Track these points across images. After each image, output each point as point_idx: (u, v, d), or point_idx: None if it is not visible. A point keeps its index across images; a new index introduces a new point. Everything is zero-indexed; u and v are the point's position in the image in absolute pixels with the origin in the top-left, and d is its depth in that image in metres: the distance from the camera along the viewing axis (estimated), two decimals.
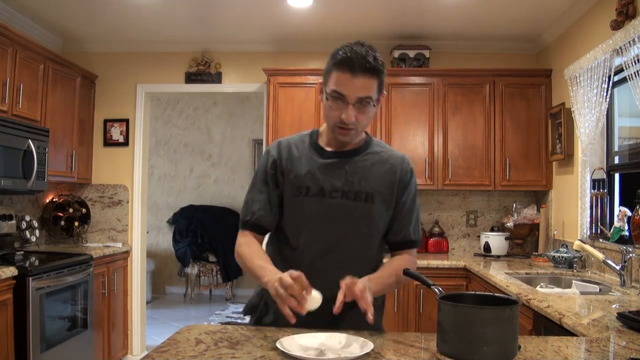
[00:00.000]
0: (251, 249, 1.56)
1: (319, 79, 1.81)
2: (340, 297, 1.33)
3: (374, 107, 1.51)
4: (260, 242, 1.63)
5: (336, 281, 1.44)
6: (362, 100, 1.47)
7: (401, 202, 1.61)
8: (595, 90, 3.06)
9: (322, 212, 1.54)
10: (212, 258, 6.76)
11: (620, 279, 2.63)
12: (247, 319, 1.72)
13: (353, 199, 1.55)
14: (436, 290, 1.35)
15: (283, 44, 4.35)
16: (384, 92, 1.55)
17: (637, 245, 2.64)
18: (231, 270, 6.63)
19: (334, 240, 1.55)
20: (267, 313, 1.62)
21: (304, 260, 1.54)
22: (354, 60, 1.43)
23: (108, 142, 4.44)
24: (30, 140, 3.27)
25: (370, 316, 1.30)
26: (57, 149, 3.75)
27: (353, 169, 1.57)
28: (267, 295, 1.58)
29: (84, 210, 4.30)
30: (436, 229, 4.20)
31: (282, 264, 1.54)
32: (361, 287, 1.33)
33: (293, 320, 1.29)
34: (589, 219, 3.21)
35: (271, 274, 1.40)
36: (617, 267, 2.65)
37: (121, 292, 4.21)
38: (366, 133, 1.65)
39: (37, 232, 3.88)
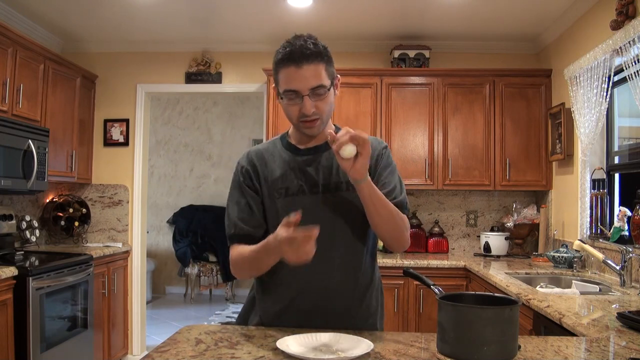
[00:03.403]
0: (243, 250, 1.50)
1: None
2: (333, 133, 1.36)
3: (331, 92, 1.49)
4: None
5: (330, 285, 1.42)
6: (316, 90, 1.44)
7: (380, 170, 1.55)
8: (595, 90, 3.06)
9: (306, 210, 1.44)
10: (212, 258, 6.76)
11: (620, 279, 2.63)
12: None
13: (334, 190, 1.52)
14: (436, 290, 1.35)
15: None
16: (338, 75, 1.53)
17: (637, 245, 2.64)
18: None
19: (324, 237, 1.43)
20: (255, 317, 1.61)
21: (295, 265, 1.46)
22: (294, 52, 1.43)
23: (108, 142, 4.44)
24: (30, 140, 3.27)
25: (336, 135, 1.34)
26: (57, 149, 3.75)
27: (329, 161, 1.54)
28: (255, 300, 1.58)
29: (84, 210, 4.30)
30: (436, 229, 4.20)
31: (272, 275, 1.51)
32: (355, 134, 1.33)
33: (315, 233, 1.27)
34: (589, 219, 3.21)
35: (271, 238, 1.36)
36: (617, 267, 2.65)
37: (121, 292, 4.21)
38: (336, 126, 1.62)
39: (37, 232, 3.88)
